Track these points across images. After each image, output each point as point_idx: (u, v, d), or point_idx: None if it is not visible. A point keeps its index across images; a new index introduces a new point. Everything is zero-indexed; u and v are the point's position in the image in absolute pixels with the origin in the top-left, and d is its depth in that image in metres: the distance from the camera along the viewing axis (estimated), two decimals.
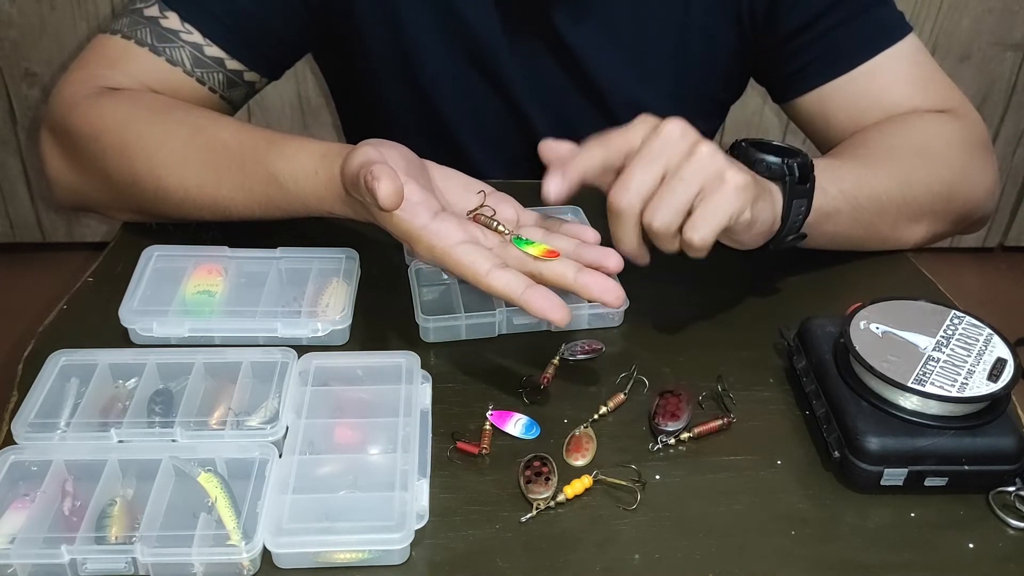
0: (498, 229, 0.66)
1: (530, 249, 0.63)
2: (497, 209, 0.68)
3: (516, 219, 0.69)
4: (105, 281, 0.77)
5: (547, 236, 0.67)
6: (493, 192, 0.70)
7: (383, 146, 0.66)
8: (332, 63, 1.01)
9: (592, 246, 0.66)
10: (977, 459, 0.60)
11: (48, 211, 2.06)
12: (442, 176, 0.70)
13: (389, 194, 0.60)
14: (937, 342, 0.64)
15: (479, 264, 0.61)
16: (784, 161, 0.69)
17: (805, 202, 0.70)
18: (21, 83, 1.90)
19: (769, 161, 0.69)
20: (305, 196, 0.71)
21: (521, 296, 0.60)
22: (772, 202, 0.69)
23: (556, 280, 0.63)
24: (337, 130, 1.83)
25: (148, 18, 0.83)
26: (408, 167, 0.66)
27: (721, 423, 0.65)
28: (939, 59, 1.97)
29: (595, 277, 0.62)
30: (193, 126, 0.78)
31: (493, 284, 0.60)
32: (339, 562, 0.55)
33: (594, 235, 0.68)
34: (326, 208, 0.71)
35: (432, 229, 0.62)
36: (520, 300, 0.60)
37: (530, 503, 0.59)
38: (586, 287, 0.61)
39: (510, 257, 0.64)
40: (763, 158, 0.69)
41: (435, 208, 0.63)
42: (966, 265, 2.22)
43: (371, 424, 0.62)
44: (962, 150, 0.86)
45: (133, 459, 0.59)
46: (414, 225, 0.62)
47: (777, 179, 0.70)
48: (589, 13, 0.89)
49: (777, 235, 0.71)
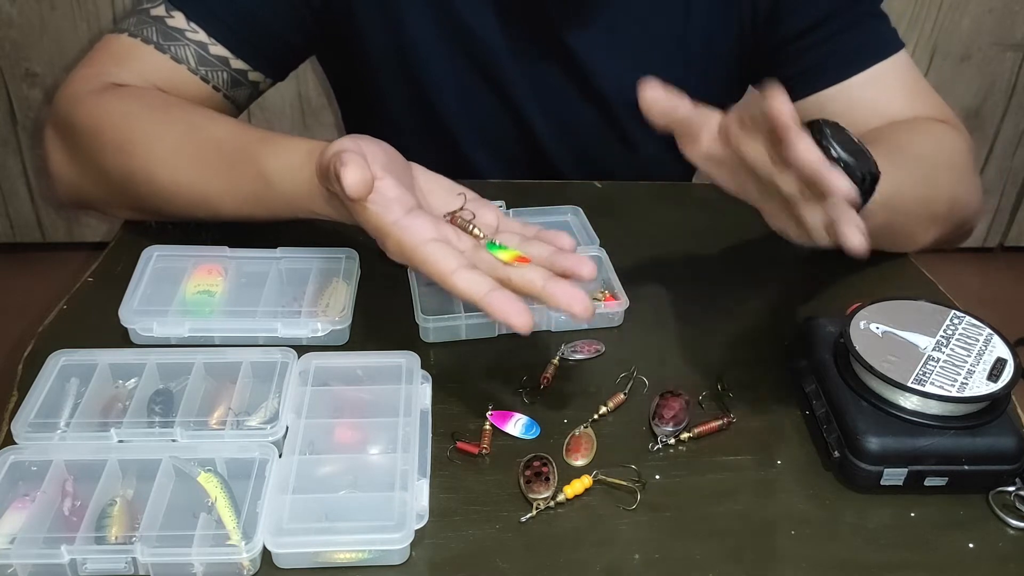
0: (474, 232, 0.64)
1: (501, 254, 0.62)
2: (478, 214, 0.66)
3: (496, 225, 0.67)
4: (105, 281, 0.77)
5: (523, 243, 0.65)
6: (477, 198, 0.68)
7: (363, 140, 0.65)
8: (335, 65, 1.01)
9: (567, 253, 0.63)
10: (977, 459, 0.60)
11: (48, 211, 2.06)
12: (426, 179, 0.69)
13: (355, 181, 0.58)
14: (937, 342, 0.64)
15: (445, 263, 0.59)
16: (859, 171, 0.65)
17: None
18: (21, 83, 1.90)
19: (848, 163, 0.65)
20: (290, 194, 0.71)
21: (484, 298, 0.57)
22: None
23: (524, 286, 0.60)
24: (339, 130, 1.82)
25: (154, 17, 0.83)
26: (389, 163, 0.64)
27: (721, 423, 0.65)
28: (939, 59, 1.99)
29: (562, 286, 0.59)
30: (190, 123, 0.78)
31: (457, 284, 0.58)
32: (339, 562, 0.55)
33: (570, 242, 0.65)
34: (308, 206, 0.70)
35: (403, 225, 0.60)
36: (483, 302, 0.58)
37: (530, 503, 0.59)
38: (553, 295, 0.59)
39: (481, 261, 0.62)
40: (843, 158, 0.64)
41: (409, 205, 0.62)
42: (966, 265, 2.22)
43: (371, 424, 0.62)
44: (964, 158, 0.87)
45: (133, 459, 0.59)
46: (385, 220, 0.60)
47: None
48: (590, 16, 0.89)
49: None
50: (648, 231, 0.82)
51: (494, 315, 0.57)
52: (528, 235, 0.66)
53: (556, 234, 0.66)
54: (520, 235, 0.66)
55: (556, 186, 0.93)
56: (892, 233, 0.80)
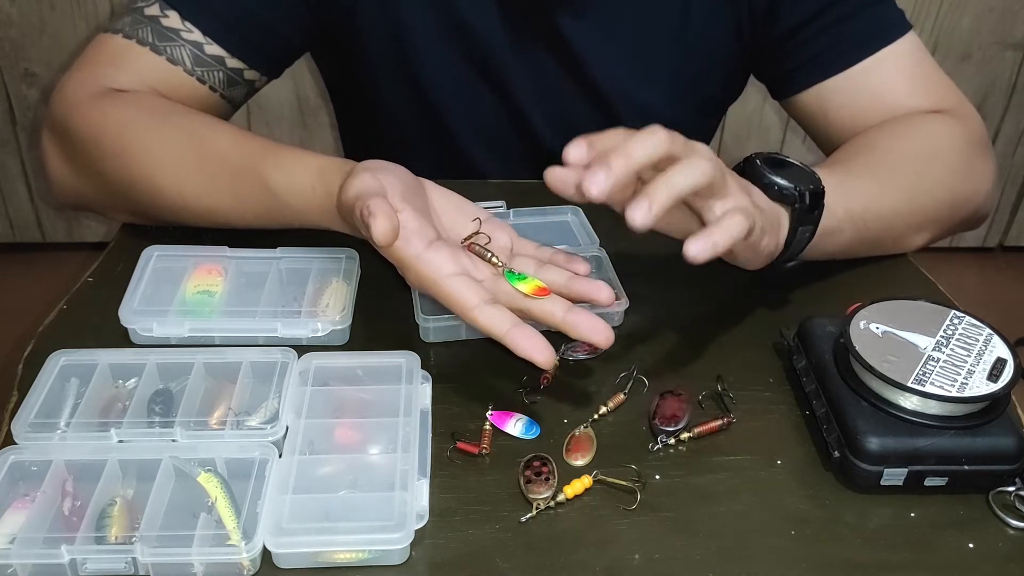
0: (491, 260, 0.66)
1: (521, 286, 0.64)
2: (492, 236, 0.68)
3: (510, 247, 0.69)
4: (105, 281, 0.77)
5: (539, 269, 0.67)
6: (490, 218, 0.70)
7: (381, 171, 0.66)
8: (331, 63, 1.01)
9: (583, 279, 0.66)
10: (977, 459, 0.60)
11: (48, 211, 2.06)
12: (439, 196, 0.70)
13: (385, 232, 0.60)
14: (937, 342, 0.64)
15: (468, 299, 0.61)
16: (796, 188, 0.68)
17: (811, 228, 0.70)
18: (21, 83, 1.90)
19: (782, 185, 0.68)
20: (302, 211, 0.72)
21: (507, 335, 0.60)
22: (778, 229, 0.68)
23: (545, 318, 0.63)
24: (336, 130, 1.83)
25: (149, 17, 0.83)
26: (405, 191, 0.65)
27: (721, 423, 0.65)
28: (939, 59, 1.97)
29: (583, 316, 0.61)
30: (190, 132, 0.78)
31: (479, 320, 0.61)
32: (339, 562, 0.55)
33: (585, 267, 0.68)
34: (324, 224, 0.72)
35: (424, 259, 0.62)
36: (505, 339, 0.60)
37: (530, 503, 0.59)
38: (574, 327, 0.61)
39: (500, 292, 0.64)
40: (775, 181, 0.68)
41: (430, 237, 0.63)
42: (966, 265, 2.22)
43: (371, 424, 0.62)
44: (965, 152, 0.86)
45: (133, 459, 0.59)
46: (408, 254, 0.62)
47: (787, 203, 0.69)
48: (590, 13, 0.89)
49: (777, 259, 0.70)
50: (648, 232, 0.81)
51: (517, 351, 0.60)
52: (543, 258, 0.68)
53: (571, 258, 0.67)
54: (535, 258, 0.68)
55: None
56: (876, 241, 0.81)
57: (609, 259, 0.78)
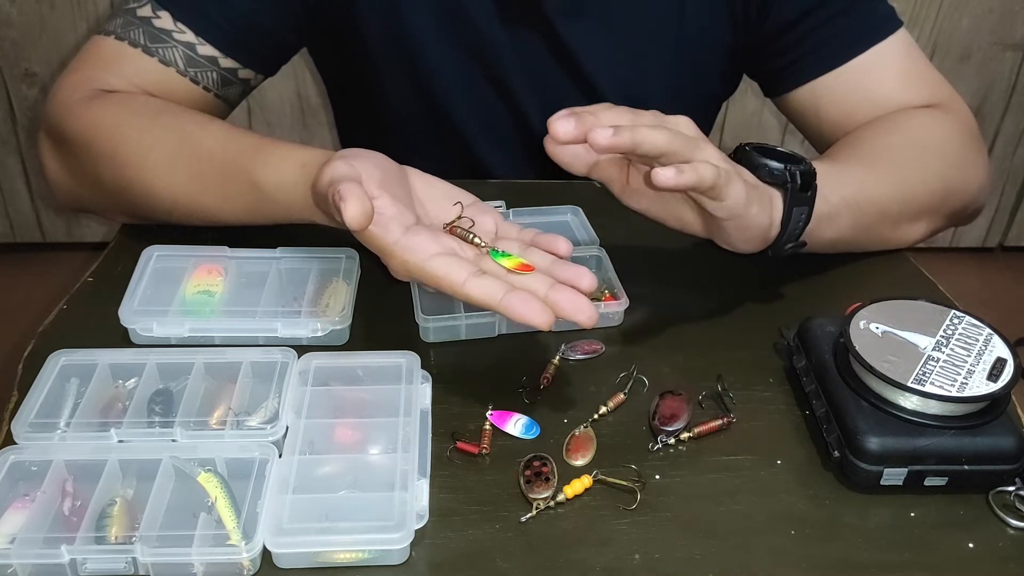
0: (474, 241, 0.64)
1: (504, 261, 0.62)
2: (477, 220, 0.66)
3: (495, 230, 0.67)
4: (105, 281, 0.77)
5: (524, 250, 0.65)
6: (475, 203, 0.68)
7: (357, 158, 0.64)
8: (330, 60, 1.01)
9: (566, 264, 0.64)
10: (977, 459, 0.60)
11: (48, 211, 2.06)
12: (423, 184, 0.69)
13: (355, 215, 0.58)
14: (937, 342, 0.64)
15: (455, 274, 0.59)
16: (787, 167, 0.69)
17: (806, 210, 0.70)
18: (21, 83, 1.90)
19: (772, 167, 0.69)
20: (288, 206, 0.71)
21: (501, 302, 0.58)
22: (770, 207, 0.69)
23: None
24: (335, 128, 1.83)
25: (141, 18, 0.82)
26: (384, 178, 0.64)
27: (721, 423, 0.65)
28: (939, 59, 1.99)
29: (567, 294, 0.60)
30: (181, 131, 0.77)
31: (471, 292, 0.59)
32: (339, 562, 0.55)
33: (566, 246, 0.66)
34: (308, 217, 0.70)
35: (404, 244, 0.60)
36: (500, 307, 0.58)
37: (530, 503, 0.59)
38: (557, 304, 0.59)
39: (486, 269, 0.62)
40: (766, 163, 0.69)
41: (408, 222, 0.62)
42: (966, 265, 2.22)
43: (371, 424, 0.62)
44: (956, 145, 0.87)
45: (133, 459, 0.59)
46: (386, 241, 0.61)
47: (779, 185, 0.69)
48: (585, 10, 0.89)
49: (776, 242, 0.71)
50: (648, 231, 0.82)
51: (513, 317, 0.58)
52: (526, 240, 0.67)
53: (552, 238, 0.66)
54: (519, 241, 0.66)
55: (556, 186, 0.93)
56: (873, 229, 0.81)
57: (609, 259, 0.78)
